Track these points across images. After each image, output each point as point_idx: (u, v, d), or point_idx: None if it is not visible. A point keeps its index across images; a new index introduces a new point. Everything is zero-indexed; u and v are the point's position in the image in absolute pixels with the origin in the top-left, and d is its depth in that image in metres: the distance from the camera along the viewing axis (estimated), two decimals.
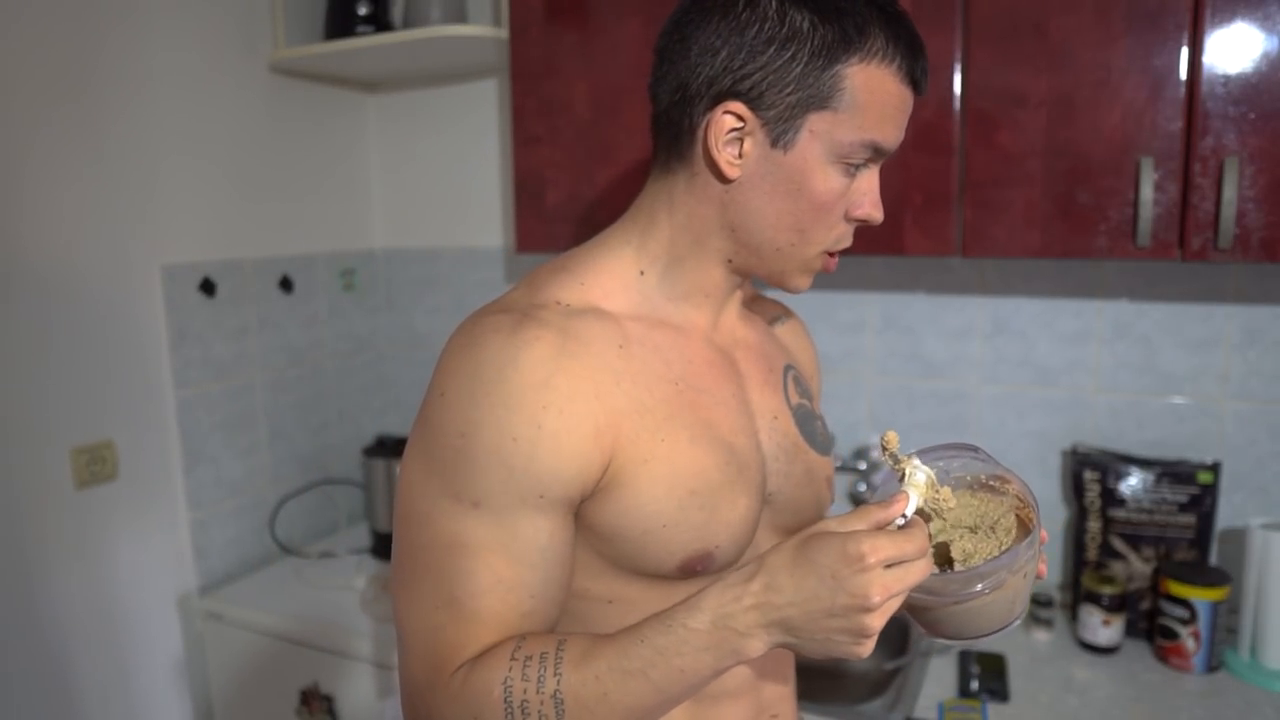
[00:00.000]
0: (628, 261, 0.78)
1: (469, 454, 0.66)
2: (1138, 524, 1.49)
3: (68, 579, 1.52)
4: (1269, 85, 1.14)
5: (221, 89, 1.76)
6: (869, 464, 1.77)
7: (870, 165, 0.75)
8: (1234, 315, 1.50)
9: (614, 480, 0.70)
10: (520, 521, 0.67)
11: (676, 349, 0.77)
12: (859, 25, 0.68)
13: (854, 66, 0.68)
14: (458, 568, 0.67)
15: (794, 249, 0.75)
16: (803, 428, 0.85)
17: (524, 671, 0.64)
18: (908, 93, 0.72)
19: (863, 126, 0.70)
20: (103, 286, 1.56)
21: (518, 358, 0.67)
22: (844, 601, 0.59)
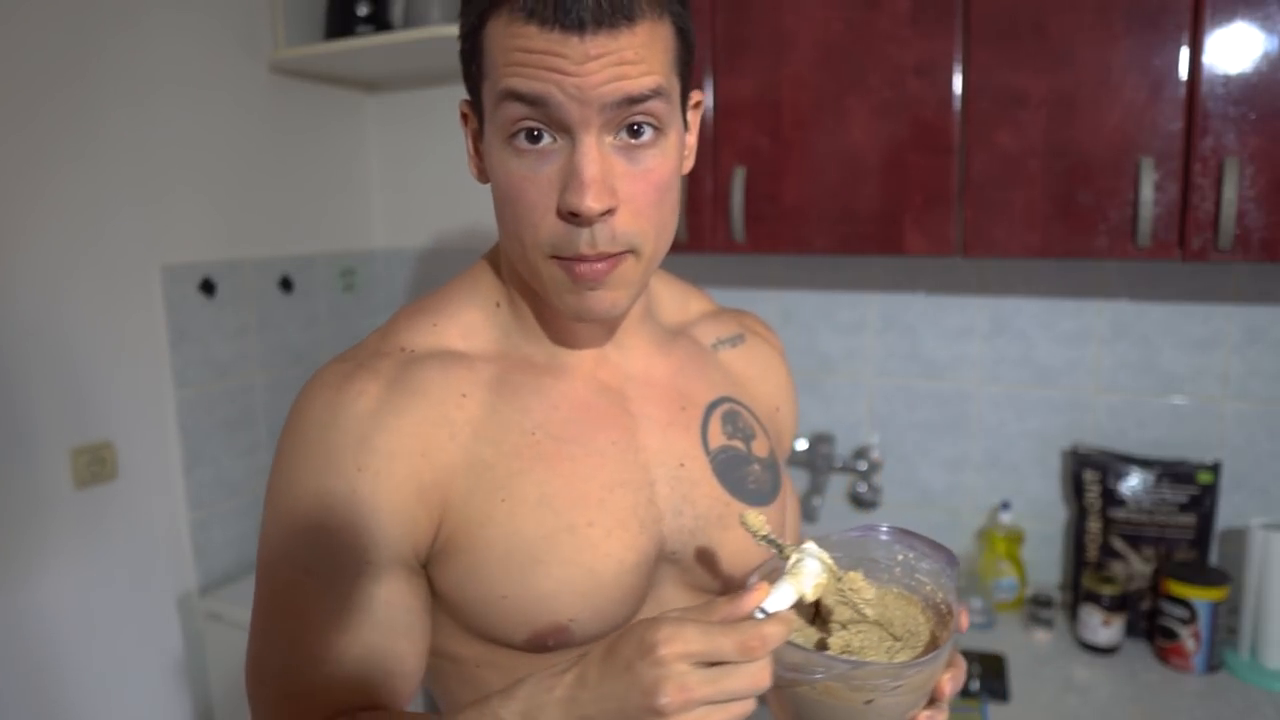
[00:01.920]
0: (485, 293, 0.72)
1: (294, 518, 0.63)
2: (1138, 524, 1.49)
3: (68, 579, 1.52)
4: (1269, 85, 1.14)
5: (221, 89, 1.76)
6: (869, 464, 1.77)
7: (565, 135, 0.59)
8: (1234, 315, 1.50)
9: (448, 545, 0.65)
10: (349, 589, 0.62)
11: (537, 393, 0.69)
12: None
13: (484, 26, 0.60)
14: (293, 632, 0.62)
15: (521, 257, 0.64)
16: (724, 475, 0.73)
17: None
18: (535, 29, 0.57)
19: (496, 81, 0.60)
20: (103, 286, 1.56)
21: (337, 417, 0.63)
22: (635, 700, 0.50)
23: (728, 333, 0.84)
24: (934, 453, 1.74)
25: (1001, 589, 1.60)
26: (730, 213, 1.45)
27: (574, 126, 0.58)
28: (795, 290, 1.82)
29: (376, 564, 0.63)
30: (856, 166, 1.37)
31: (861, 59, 1.35)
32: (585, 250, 0.60)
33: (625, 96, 0.58)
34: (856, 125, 1.36)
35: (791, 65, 1.39)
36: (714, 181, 1.48)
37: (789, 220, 1.43)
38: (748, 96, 1.43)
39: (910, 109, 1.33)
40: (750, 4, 1.41)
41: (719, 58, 1.44)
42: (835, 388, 1.81)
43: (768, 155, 1.43)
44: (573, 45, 0.57)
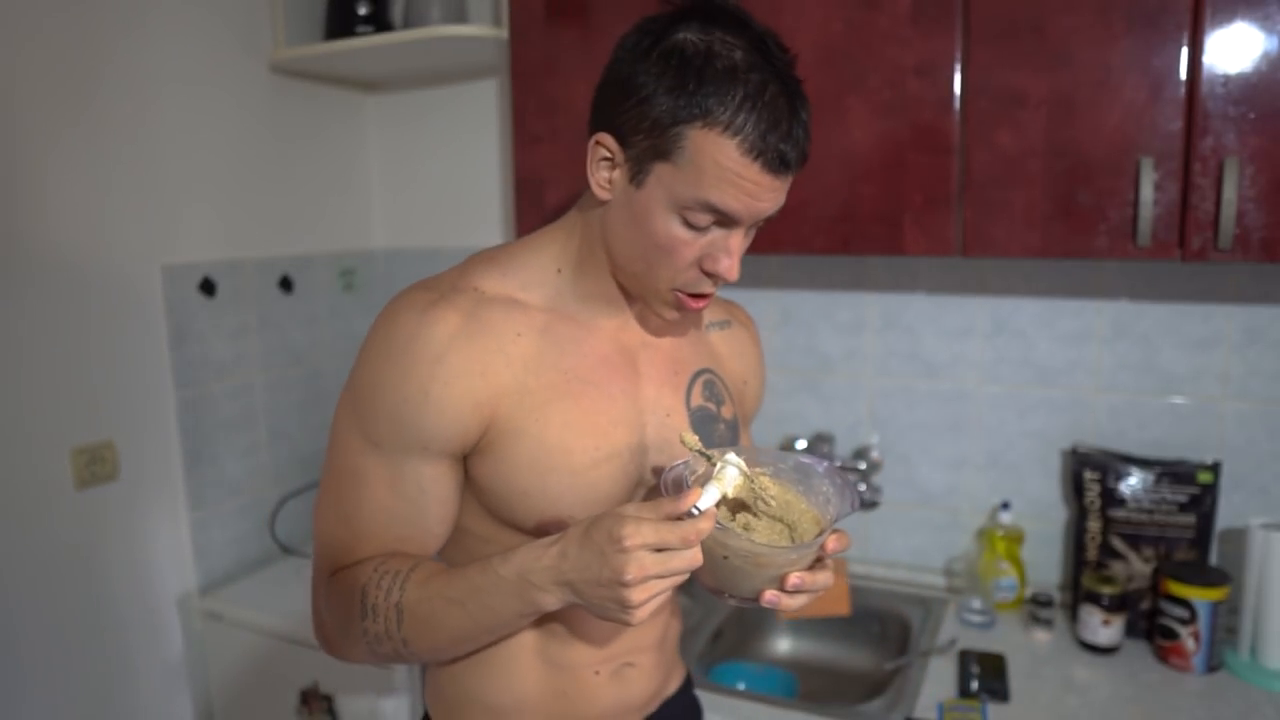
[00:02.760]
0: (549, 258, 0.88)
1: (373, 404, 0.80)
2: (1138, 524, 1.49)
3: (68, 579, 1.52)
4: (1269, 85, 1.14)
5: (222, 89, 1.76)
6: (869, 464, 1.77)
7: (725, 227, 0.78)
8: (1234, 315, 1.50)
9: (490, 445, 0.82)
10: (405, 464, 0.81)
11: (575, 342, 0.86)
12: (712, 94, 0.72)
13: (695, 130, 0.73)
14: (354, 492, 0.82)
15: (645, 279, 0.83)
16: (697, 427, 0.92)
17: (379, 581, 0.79)
18: (754, 168, 0.74)
19: (697, 186, 0.75)
20: (103, 286, 1.56)
21: (420, 334, 0.79)
22: (607, 575, 0.69)
23: (719, 318, 1.04)
24: (934, 453, 1.74)
25: (1001, 589, 1.60)
26: None
27: (737, 225, 0.78)
28: (795, 290, 1.82)
29: (430, 449, 0.81)
30: (856, 166, 1.37)
31: (861, 59, 1.35)
32: (706, 291, 0.83)
33: (773, 213, 0.80)
34: (856, 125, 1.36)
35: None
36: None
37: (789, 220, 1.43)
38: None
39: (910, 109, 1.33)
40: (750, 4, 1.40)
41: None
42: (835, 388, 1.81)
43: None
44: (768, 181, 0.75)
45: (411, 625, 0.78)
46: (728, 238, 0.79)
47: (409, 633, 0.78)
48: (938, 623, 1.58)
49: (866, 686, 1.57)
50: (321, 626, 0.86)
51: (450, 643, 0.80)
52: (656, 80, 0.74)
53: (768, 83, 0.74)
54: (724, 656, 1.61)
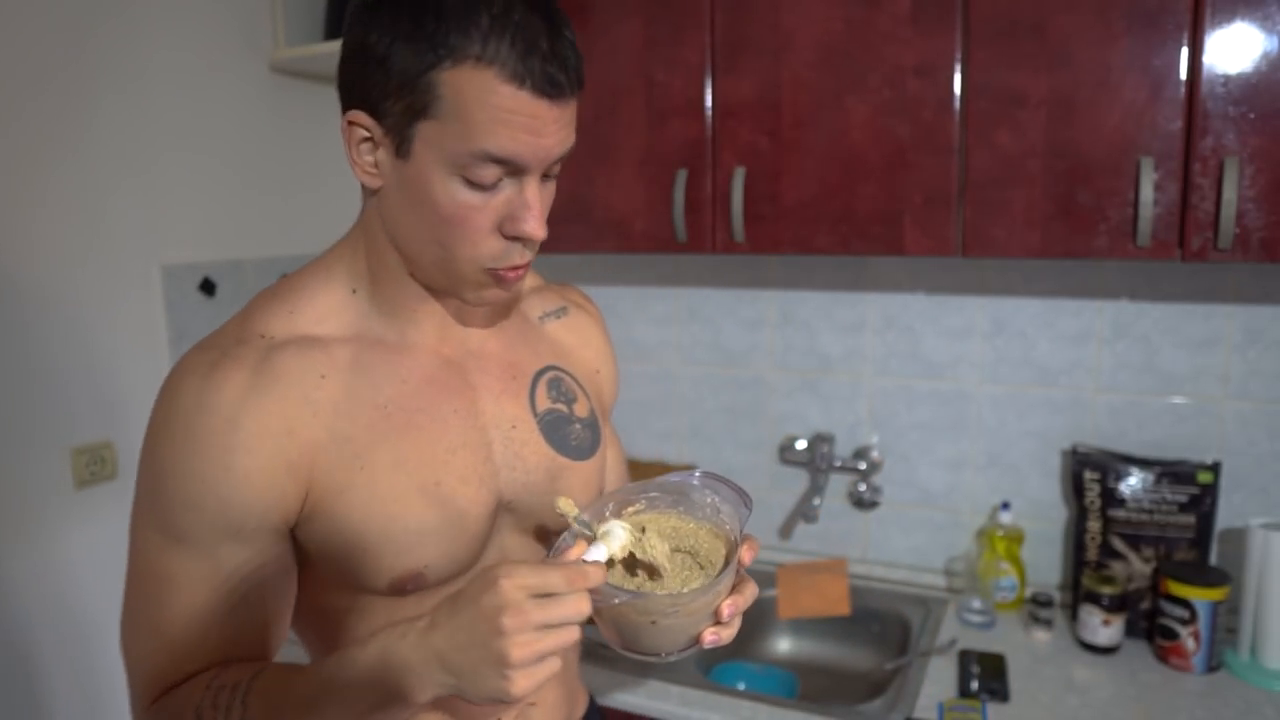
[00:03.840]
0: (340, 280, 0.78)
1: (168, 494, 0.69)
2: (1138, 524, 1.49)
3: (68, 579, 1.52)
4: (1269, 85, 1.14)
5: (222, 89, 1.76)
6: (869, 464, 1.77)
7: (515, 179, 0.69)
8: (1234, 315, 1.50)
9: (315, 509, 0.72)
10: (219, 554, 0.69)
11: (389, 369, 0.76)
12: (454, 23, 0.63)
13: (447, 72, 0.64)
14: (165, 600, 0.69)
15: (447, 264, 0.72)
16: (549, 434, 0.84)
17: (215, 700, 0.67)
18: (527, 97, 0.65)
19: (468, 135, 0.65)
20: (103, 286, 1.56)
21: (204, 401, 0.68)
22: (481, 628, 0.59)
23: (552, 306, 0.94)
24: (934, 453, 1.74)
25: (1001, 589, 1.60)
26: (730, 213, 1.45)
27: (526, 173, 0.69)
28: (795, 290, 1.82)
29: (245, 530, 0.69)
30: (856, 166, 1.37)
31: (861, 59, 1.35)
32: (519, 262, 0.73)
33: (564, 153, 0.72)
34: (856, 125, 1.36)
35: (791, 65, 1.39)
36: (714, 181, 1.48)
37: (789, 220, 1.43)
38: (747, 96, 1.43)
39: (910, 109, 1.33)
40: (750, 4, 1.41)
41: (719, 58, 1.44)
42: (835, 388, 1.81)
43: (768, 155, 1.43)
44: (545, 111, 0.66)
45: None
46: (522, 191, 0.69)
47: None
48: (938, 623, 1.58)
49: (866, 686, 1.57)
50: None
51: None
52: (391, 32, 0.65)
53: (513, 3, 0.65)
54: (724, 656, 1.61)
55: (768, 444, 1.88)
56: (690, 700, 1.35)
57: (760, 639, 1.73)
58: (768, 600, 1.73)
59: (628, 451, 2.02)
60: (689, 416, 1.95)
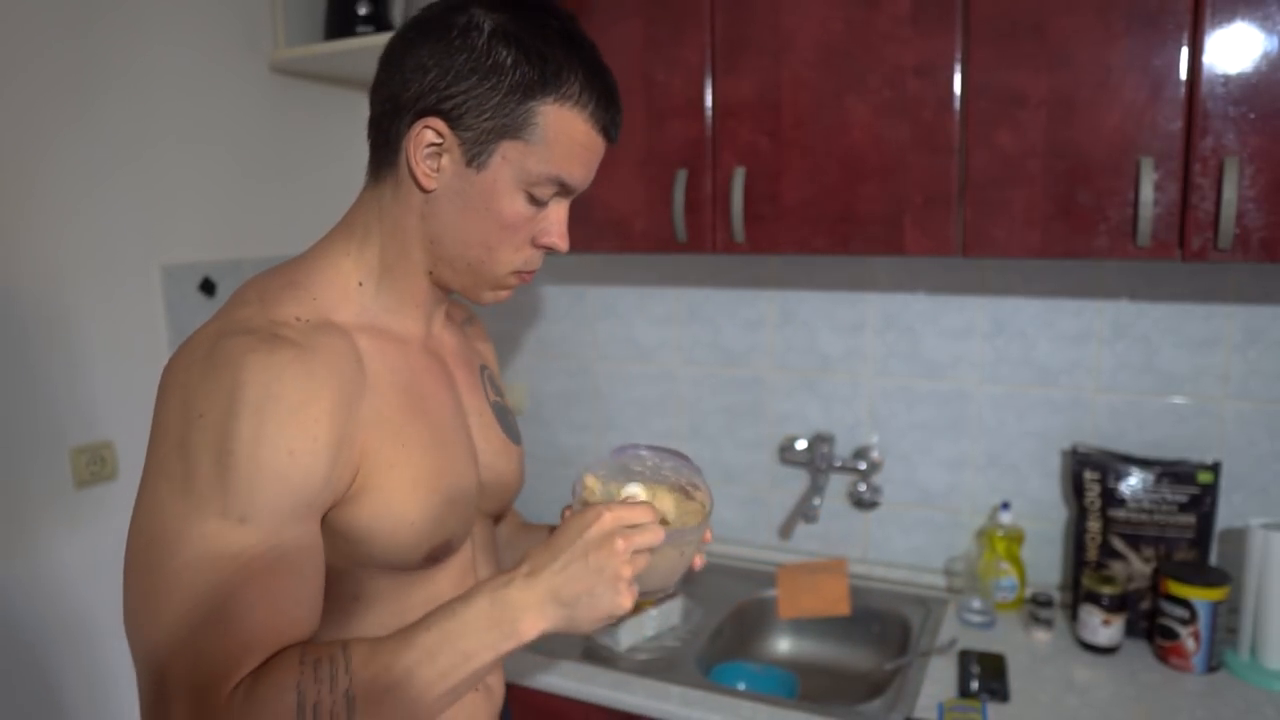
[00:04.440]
0: (347, 272, 0.82)
1: (236, 471, 0.66)
2: (1138, 524, 1.49)
3: (68, 579, 1.52)
4: (1269, 85, 1.14)
5: (222, 89, 1.76)
6: (869, 464, 1.77)
7: (559, 199, 0.82)
8: (1234, 315, 1.50)
9: (364, 486, 0.75)
10: (289, 532, 0.69)
11: (401, 358, 0.82)
12: (558, 69, 0.75)
13: (548, 105, 0.76)
14: (223, 585, 0.65)
15: (484, 265, 0.81)
16: (501, 422, 0.95)
17: (315, 673, 0.66)
18: (598, 139, 0.80)
19: (550, 160, 0.77)
20: (103, 286, 1.56)
21: (282, 376, 0.69)
22: (594, 558, 0.70)
23: (464, 315, 1.04)
24: (934, 453, 1.74)
25: (1001, 589, 1.60)
26: (730, 213, 1.45)
27: (568, 198, 0.83)
28: (795, 290, 1.82)
29: (314, 506, 0.71)
30: (856, 166, 1.37)
31: (861, 59, 1.35)
32: (537, 268, 0.85)
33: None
34: (856, 125, 1.36)
35: (791, 65, 1.39)
36: (714, 181, 1.48)
37: (789, 220, 1.43)
38: (747, 96, 1.43)
39: (910, 109, 1.33)
40: (750, 4, 1.41)
41: (719, 58, 1.44)
42: (835, 388, 1.81)
43: (768, 155, 1.43)
44: (602, 150, 0.82)
45: (366, 709, 0.66)
46: (559, 209, 0.82)
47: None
48: (938, 623, 1.58)
49: (866, 686, 1.57)
50: None
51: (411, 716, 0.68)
52: (496, 61, 0.74)
53: (594, 62, 0.78)
54: (724, 656, 1.61)
55: (768, 444, 1.88)
56: (690, 700, 1.36)
57: (760, 639, 1.73)
58: (768, 600, 1.73)
59: None
60: (689, 416, 1.95)
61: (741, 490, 1.92)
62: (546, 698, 1.45)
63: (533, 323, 2.09)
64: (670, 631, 1.58)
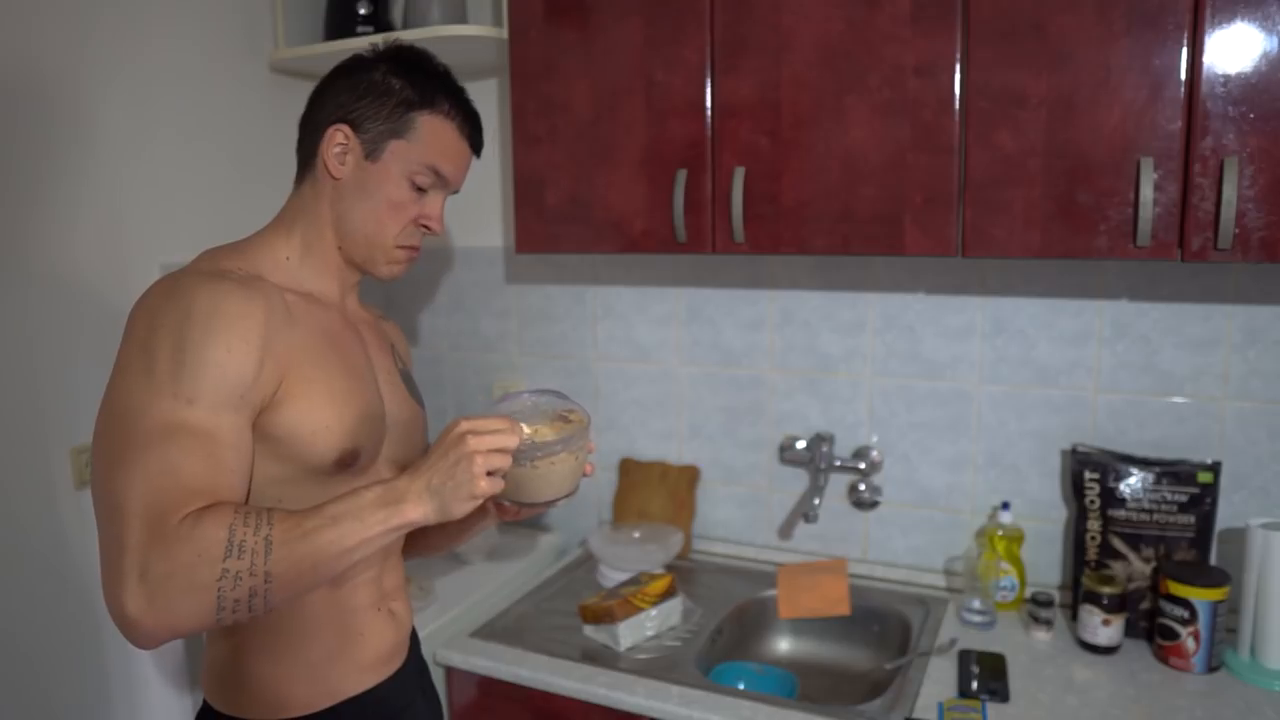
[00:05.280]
0: (278, 249, 1.06)
1: (187, 364, 0.86)
2: (1138, 524, 1.49)
3: (68, 579, 1.52)
4: (1269, 85, 1.14)
5: (222, 89, 1.76)
6: (869, 464, 1.77)
7: (437, 190, 1.07)
8: (1234, 315, 1.50)
9: (288, 394, 0.94)
10: (224, 415, 0.88)
11: (321, 314, 1.03)
12: (433, 93, 1.04)
13: (425, 115, 1.04)
14: (176, 447, 0.85)
15: (375, 239, 1.05)
16: (406, 384, 1.16)
17: (245, 519, 0.83)
18: (464, 147, 1.09)
19: (425, 154, 1.04)
20: (103, 286, 1.56)
21: (226, 297, 0.90)
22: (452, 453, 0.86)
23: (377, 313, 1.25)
24: (934, 453, 1.74)
25: (1001, 589, 1.60)
26: (730, 213, 1.45)
27: (442, 190, 1.09)
28: (795, 290, 1.82)
29: (246, 400, 0.90)
30: (856, 166, 1.37)
31: (861, 59, 1.35)
32: (416, 243, 1.09)
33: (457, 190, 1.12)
34: (856, 125, 1.36)
35: (791, 65, 1.39)
36: (714, 181, 1.48)
37: (789, 220, 1.43)
38: (747, 96, 1.43)
39: (910, 109, 1.33)
40: (750, 4, 1.41)
41: (718, 58, 1.44)
42: (835, 388, 1.81)
43: (768, 155, 1.43)
44: (468, 157, 1.11)
45: (280, 556, 0.83)
46: (436, 200, 1.08)
47: (275, 565, 0.82)
48: (938, 623, 1.58)
49: (866, 686, 1.57)
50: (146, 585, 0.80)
51: (313, 568, 0.84)
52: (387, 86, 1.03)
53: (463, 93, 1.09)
54: (724, 656, 1.61)
55: (768, 444, 1.88)
56: (690, 700, 1.36)
57: (760, 639, 1.73)
58: (768, 600, 1.74)
59: (628, 451, 2.02)
60: (689, 416, 1.95)
61: (741, 490, 1.92)
62: (547, 697, 1.45)
63: (533, 323, 2.09)
64: (670, 631, 1.58)
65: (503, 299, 2.11)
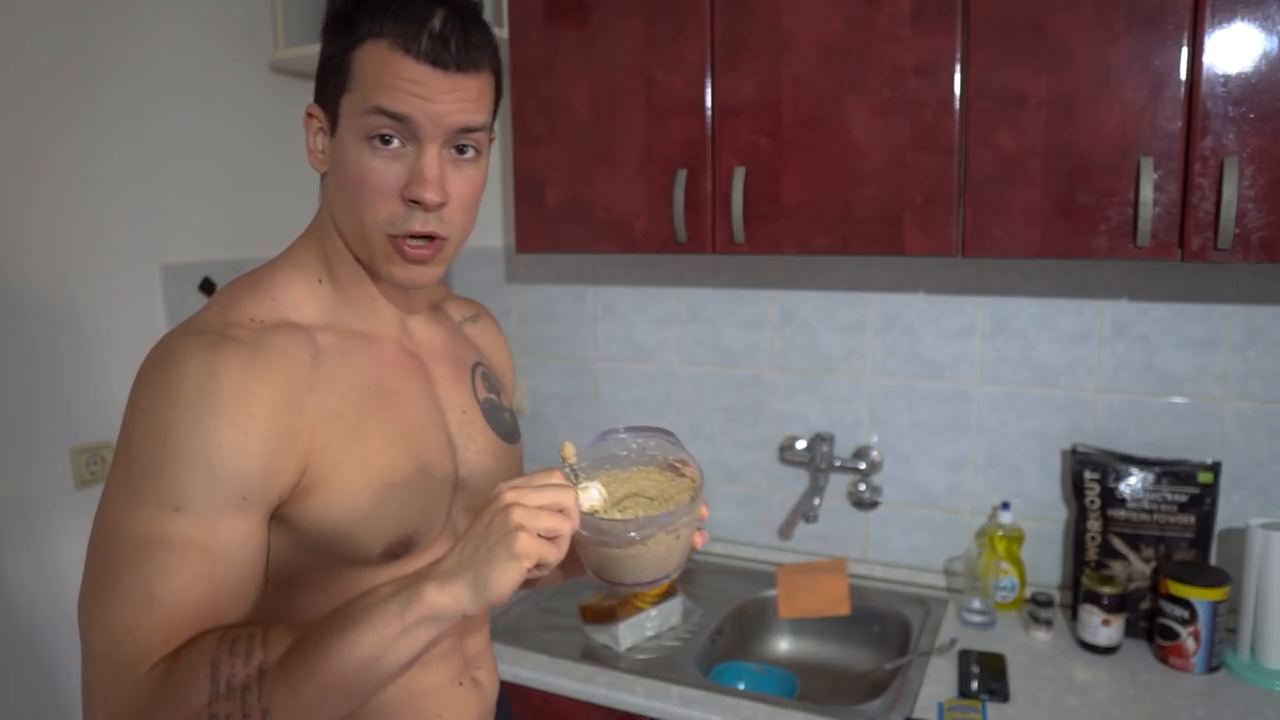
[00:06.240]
0: (307, 271, 0.84)
1: (171, 460, 0.70)
2: (1138, 524, 1.49)
3: (68, 579, 1.52)
4: (1269, 85, 1.14)
5: (222, 89, 1.76)
6: (869, 464, 1.77)
7: (407, 143, 0.77)
8: (1234, 315, 1.50)
9: (314, 482, 0.76)
10: (221, 522, 0.71)
11: (365, 354, 0.83)
12: (359, 17, 0.77)
13: (357, 51, 0.77)
14: (157, 567, 0.69)
15: (358, 229, 0.80)
16: (490, 419, 0.94)
17: (231, 648, 0.67)
18: (415, 65, 0.75)
19: (367, 95, 0.76)
20: (103, 286, 1.56)
21: (218, 372, 0.71)
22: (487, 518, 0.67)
23: (469, 312, 1.04)
24: (934, 453, 1.74)
25: (1001, 589, 1.60)
26: (730, 213, 1.45)
27: (423, 140, 0.76)
28: (795, 290, 1.82)
29: (249, 499, 0.72)
30: (856, 166, 1.37)
31: (861, 59, 1.35)
32: (418, 228, 0.78)
33: (464, 126, 0.78)
34: (856, 125, 1.36)
35: (791, 65, 1.39)
36: (714, 181, 1.48)
37: (789, 220, 1.43)
38: (748, 96, 1.43)
39: (910, 109, 1.33)
40: (750, 4, 1.41)
41: (719, 57, 1.44)
42: (835, 388, 1.81)
43: (768, 155, 1.43)
44: (432, 78, 0.76)
45: (276, 685, 0.66)
46: (420, 157, 0.77)
47: (273, 698, 0.66)
48: (938, 623, 1.58)
49: (866, 686, 1.57)
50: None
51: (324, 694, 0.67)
52: (330, 31, 0.79)
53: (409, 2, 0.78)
54: (724, 656, 1.61)
55: (768, 444, 1.88)
56: (690, 700, 1.36)
57: (760, 639, 1.73)
58: (768, 600, 1.73)
59: None
60: (689, 416, 1.95)
61: (741, 490, 1.92)
62: (546, 697, 1.45)
63: (533, 323, 2.09)
64: (670, 631, 1.58)
65: (503, 299, 2.11)
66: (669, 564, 0.76)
